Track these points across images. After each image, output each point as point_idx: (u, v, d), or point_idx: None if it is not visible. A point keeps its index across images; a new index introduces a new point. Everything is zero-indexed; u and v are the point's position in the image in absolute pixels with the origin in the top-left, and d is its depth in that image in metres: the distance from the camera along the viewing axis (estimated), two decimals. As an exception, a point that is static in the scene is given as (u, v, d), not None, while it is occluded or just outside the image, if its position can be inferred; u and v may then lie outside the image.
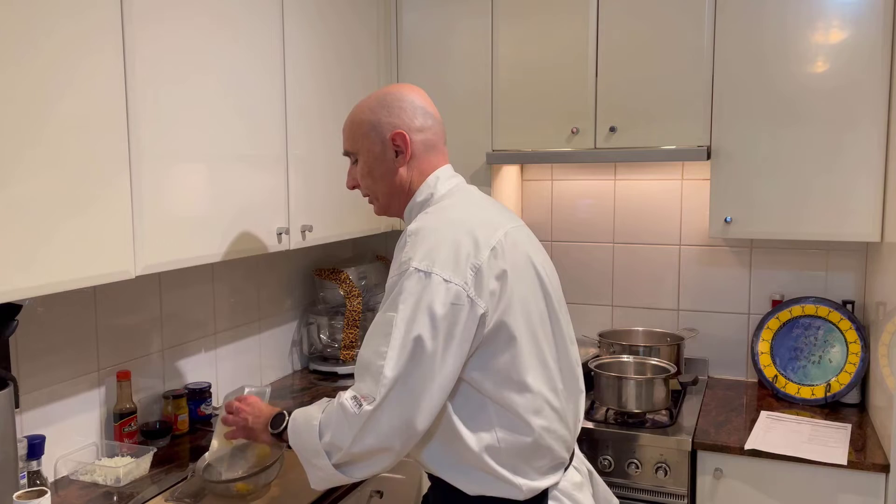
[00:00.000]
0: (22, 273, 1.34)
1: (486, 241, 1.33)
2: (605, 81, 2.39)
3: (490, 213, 1.45)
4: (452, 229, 1.33)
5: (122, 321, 2.01)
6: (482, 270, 1.29)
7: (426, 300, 1.26)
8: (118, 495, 1.71)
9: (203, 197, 1.80)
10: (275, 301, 2.66)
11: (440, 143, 1.53)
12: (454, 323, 1.26)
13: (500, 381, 1.32)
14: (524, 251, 1.41)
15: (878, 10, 2.08)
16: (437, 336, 1.25)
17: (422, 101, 1.51)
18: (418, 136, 1.48)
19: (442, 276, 1.27)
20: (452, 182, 1.50)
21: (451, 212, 1.40)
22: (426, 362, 1.25)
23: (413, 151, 1.48)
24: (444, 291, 1.26)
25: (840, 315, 2.36)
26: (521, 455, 1.35)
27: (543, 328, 1.40)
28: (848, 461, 1.91)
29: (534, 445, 1.34)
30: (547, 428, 1.36)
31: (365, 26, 2.50)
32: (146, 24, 1.59)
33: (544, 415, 1.36)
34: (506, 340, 1.32)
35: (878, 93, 2.10)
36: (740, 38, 2.23)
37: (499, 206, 1.55)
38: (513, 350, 1.33)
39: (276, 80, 2.05)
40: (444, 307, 1.25)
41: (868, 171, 2.13)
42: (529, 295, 1.38)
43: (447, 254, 1.29)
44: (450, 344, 1.26)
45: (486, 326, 1.30)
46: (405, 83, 1.56)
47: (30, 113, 1.34)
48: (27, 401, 1.75)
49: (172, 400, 2.10)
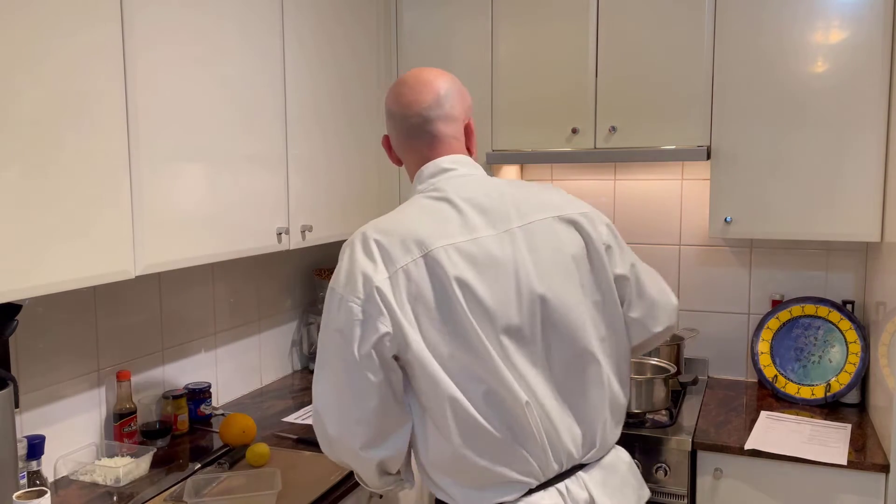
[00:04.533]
0: (22, 273, 1.34)
1: (393, 261, 1.28)
2: (605, 81, 2.39)
3: (428, 227, 1.31)
4: (363, 250, 1.31)
5: (122, 321, 2.01)
6: (381, 291, 1.27)
7: (329, 318, 1.31)
8: (118, 495, 1.71)
9: (203, 197, 1.80)
10: (275, 301, 2.66)
11: (410, 138, 1.44)
12: (350, 337, 1.27)
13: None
14: (441, 278, 1.28)
15: (878, 10, 2.08)
16: (339, 352, 1.29)
17: (388, 101, 1.47)
18: (392, 137, 1.49)
19: (339, 292, 1.29)
20: (428, 182, 1.42)
21: (381, 228, 1.33)
22: (338, 379, 1.30)
23: (395, 155, 1.51)
24: (338, 306, 1.29)
25: (840, 315, 2.36)
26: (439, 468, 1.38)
27: (462, 361, 1.29)
28: (848, 461, 1.91)
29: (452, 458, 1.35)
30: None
31: (364, 26, 2.50)
32: (146, 24, 1.59)
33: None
34: (416, 368, 1.30)
35: (878, 93, 2.10)
36: (740, 38, 2.23)
37: (457, 216, 1.35)
38: (422, 381, 1.30)
39: (276, 80, 2.05)
40: (339, 323, 1.28)
41: (868, 171, 2.13)
42: (438, 323, 1.29)
43: (346, 274, 1.30)
44: (349, 359, 1.27)
45: (395, 349, 1.28)
46: (411, 70, 1.49)
47: (30, 113, 1.35)
48: (27, 401, 1.75)
49: (172, 400, 2.10)
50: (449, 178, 1.41)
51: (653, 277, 1.53)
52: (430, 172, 1.42)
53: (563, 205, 1.42)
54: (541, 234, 1.36)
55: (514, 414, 1.30)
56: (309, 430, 2.13)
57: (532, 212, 1.38)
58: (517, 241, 1.34)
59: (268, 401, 2.42)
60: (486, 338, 1.28)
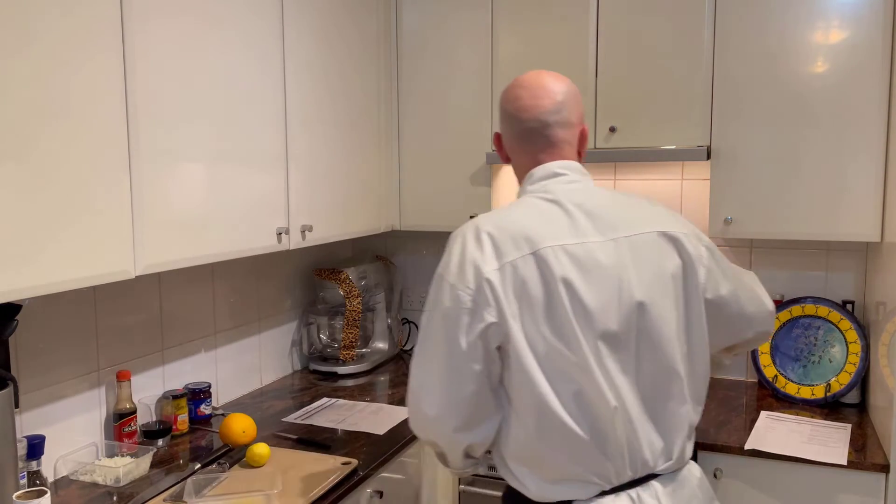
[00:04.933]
0: (22, 273, 1.34)
1: (502, 255, 1.33)
2: (605, 81, 2.39)
3: (538, 227, 1.35)
4: (475, 242, 1.36)
5: (122, 321, 2.01)
6: (491, 283, 1.31)
7: (436, 302, 1.36)
8: (118, 495, 1.71)
9: (203, 197, 1.80)
10: (275, 301, 2.66)
11: (524, 143, 1.47)
12: (456, 326, 1.32)
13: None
14: (547, 276, 1.31)
15: (878, 10, 2.08)
16: (443, 338, 1.33)
17: (506, 102, 1.49)
18: (505, 137, 1.53)
19: (449, 280, 1.34)
20: (539, 185, 1.45)
21: (492, 222, 1.38)
22: (440, 363, 1.35)
23: (506, 154, 1.55)
24: (449, 295, 1.33)
25: (840, 315, 2.36)
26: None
27: (558, 360, 1.32)
28: (848, 461, 1.91)
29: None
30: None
31: (365, 26, 2.50)
32: (146, 24, 1.59)
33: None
34: (513, 361, 1.33)
35: (878, 93, 2.10)
36: (740, 38, 2.23)
37: (567, 219, 1.38)
38: (515, 374, 1.34)
39: (276, 80, 2.05)
40: (447, 310, 1.33)
41: (868, 171, 2.13)
42: (540, 320, 1.32)
43: (457, 264, 1.35)
44: (453, 346, 1.32)
45: (498, 339, 1.32)
46: (523, 74, 1.50)
47: (30, 112, 1.35)
48: (27, 401, 1.75)
49: (172, 400, 2.10)
50: (559, 182, 1.44)
51: (751, 291, 1.55)
52: (541, 175, 1.46)
53: (667, 221, 1.44)
54: (644, 246, 1.39)
55: (600, 417, 1.33)
56: (309, 430, 2.13)
57: (638, 224, 1.41)
58: (622, 250, 1.36)
59: (268, 401, 2.42)
60: (584, 340, 1.31)
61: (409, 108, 2.67)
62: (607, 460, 1.35)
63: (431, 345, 1.37)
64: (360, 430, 2.13)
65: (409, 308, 3.08)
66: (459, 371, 1.33)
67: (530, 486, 1.39)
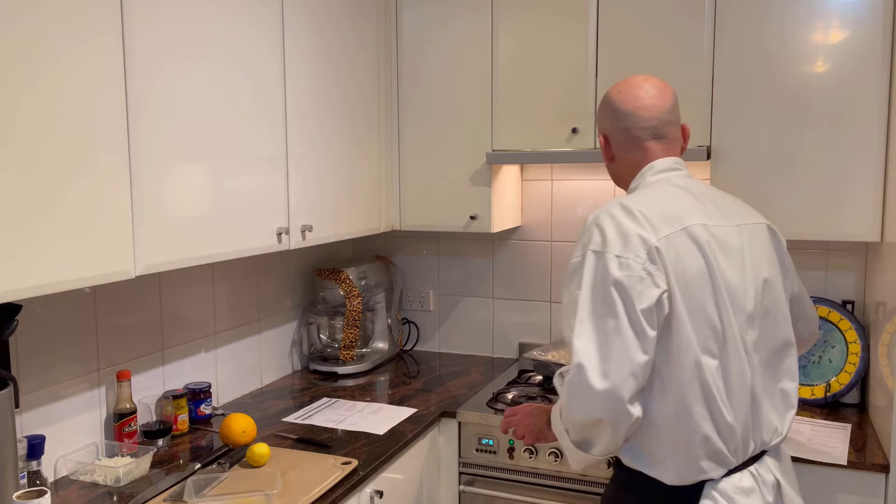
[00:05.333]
0: (22, 273, 1.34)
1: (657, 230, 1.38)
2: (605, 81, 2.39)
3: (680, 207, 1.45)
4: (629, 217, 1.40)
5: (122, 321, 2.02)
6: (660, 251, 1.36)
7: (604, 276, 1.36)
8: (118, 495, 1.71)
9: (203, 197, 1.80)
10: (275, 301, 2.66)
11: (643, 140, 1.56)
12: (629, 293, 1.34)
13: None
14: (701, 251, 1.40)
15: (877, 10, 2.08)
16: (617, 307, 1.34)
17: (622, 101, 1.56)
18: (615, 137, 1.59)
19: (614, 253, 1.36)
20: (659, 176, 1.54)
21: (638, 202, 1.44)
22: (612, 333, 1.34)
23: (613, 152, 1.60)
24: (618, 265, 1.35)
25: (840, 315, 2.35)
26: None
27: (709, 334, 1.39)
28: (848, 461, 1.91)
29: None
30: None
31: (364, 26, 2.50)
32: (146, 24, 1.59)
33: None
34: (673, 332, 1.37)
35: (878, 93, 2.10)
36: (740, 38, 2.23)
37: (700, 202, 1.49)
38: (674, 345, 1.37)
39: (276, 80, 2.05)
40: (619, 280, 1.34)
41: (868, 171, 2.13)
42: (696, 293, 1.38)
43: (619, 237, 1.38)
44: (631, 313, 1.33)
45: (667, 307, 1.35)
46: (634, 77, 1.60)
47: (29, 112, 1.35)
48: (27, 401, 1.75)
49: (172, 400, 2.10)
50: (678, 175, 1.55)
51: (808, 296, 1.71)
52: (661, 167, 1.55)
53: (761, 217, 1.59)
54: (758, 235, 1.54)
55: (737, 393, 1.41)
56: (309, 430, 2.13)
57: (747, 215, 1.56)
58: (744, 235, 1.49)
59: (268, 401, 2.42)
60: (728, 315, 1.40)
61: (409, 109, 2.67)
62: (741, 437, 1.41)
63: (603, 316, 1.35)
64: (360, 430, 2.13)
65: (409, 308, 3.08)
66: (636, 339, 1.34)
67: (669, 470, 1.41)
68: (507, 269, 2.93)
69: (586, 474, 2.16)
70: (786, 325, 1.51)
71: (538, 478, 2.22)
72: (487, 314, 2.98)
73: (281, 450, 1.95)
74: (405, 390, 2.52)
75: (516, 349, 2.94)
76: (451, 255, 3.01)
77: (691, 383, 1.37)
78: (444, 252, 3.02)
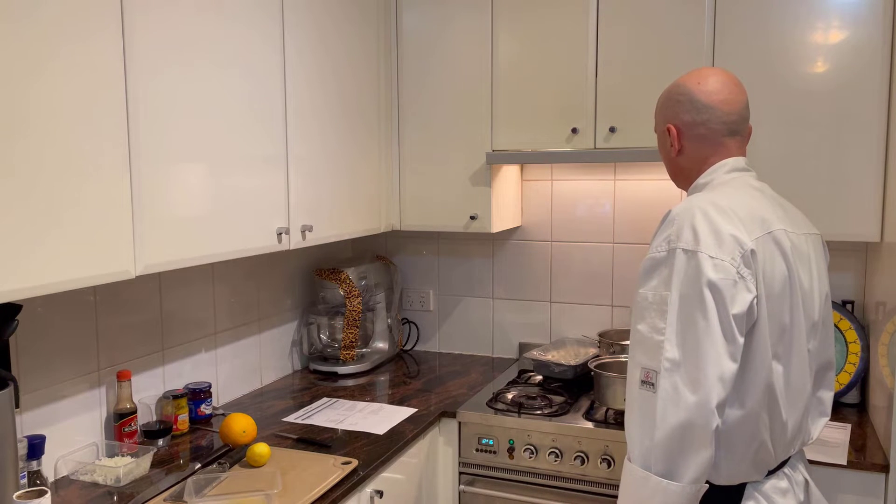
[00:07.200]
0: (22, 273, 1.34)
1: (750, 231, 1.34)
2: (605, 81, 2.39)
3: (763, 210, 1.41)
4: (723, 216, 1.34)
5: (122, 321, 2.02)
6: (755, 255, 1.33)
7: (697, 277, 1.30)
8: (118, 495, 1.71)
9: (203, 197, 1.80)
10: (275, 301, 2.66)
11: (720, 135, 1.50)
12: (723, 297, 1.28)
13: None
14: (784, 258, 1.38)
15: (878, 10, 2.08)
16: (709, 310, 1.28)
17: (704, 94, 1.49)
18: (690, 130, 1.52)
19: (708, 253, 1.30)
20: (733, 175, 1.50)
21: (726, 199, 1.39)
22: (704, 337, 1.28)
23: (683, 144, 1.53)
24: (713, 267, 1.29)
25: (840, 315, 2.35)
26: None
27: (783, 340, 1.39)
28: (848, 461, 1.91)
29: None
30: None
31: (364, 26, 2.50)
32: (146, 23, 1.59)
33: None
34: (756, 337, 1.35)
35: (878, 93, 2.10)
36: (740, 39, 2.23)
37: (774, 206, 1.47)
38: (755, 351, 1.35)
39: (276, 80, 2.05)
40: (714, 282, 1.29)
41: (868, 172, 2.13)
42: (777, 300, 1.36)
43: (713, 236, 1.32)
44: (724, 318, 1.29)
45: (755, 313, 1.33)
46: (708, 69, 1.53)
47: (29, 112, 1.35)
48: (27, 401, 1.75)
49: (172, 400, 2.10)
50: (751, 176, 1.52)
51: None
52: (735, 166, 1.51)
53: (815, 227, 1.58)
54: (818, 245, 1.54)
55: (795, 400, 1.42)
56: (309, 430, 2.13)
57: (809, 225, 1.55)
58: (811, 246, 1.49)
59: (268, 401, 2.42)
60: (799, 321, 1.40)
61: (409, 108, 2.67)
62: (789, 442, 1.44)
63: (695, 321, 1.28)
64: (360, 430, 2.13)
65: (409, 308, 3.08)
66: (726, 345, 1.29)
67: (722, 471, 1.40)
68: (507, 269, 2.93)
69: (586, 474, 2.16)
70: (832, 340, 1.54)
71: (538, 478, 2.22)
72: (487, 314, 2.98)
73: (281, 450, 1.95)
74: (405, 390, 2.52)
75: (516, 349, 2.94)
76: (451, 255, 3.01)
77: (761, 390, 1.36)
78: (444, 252, 3.02)
